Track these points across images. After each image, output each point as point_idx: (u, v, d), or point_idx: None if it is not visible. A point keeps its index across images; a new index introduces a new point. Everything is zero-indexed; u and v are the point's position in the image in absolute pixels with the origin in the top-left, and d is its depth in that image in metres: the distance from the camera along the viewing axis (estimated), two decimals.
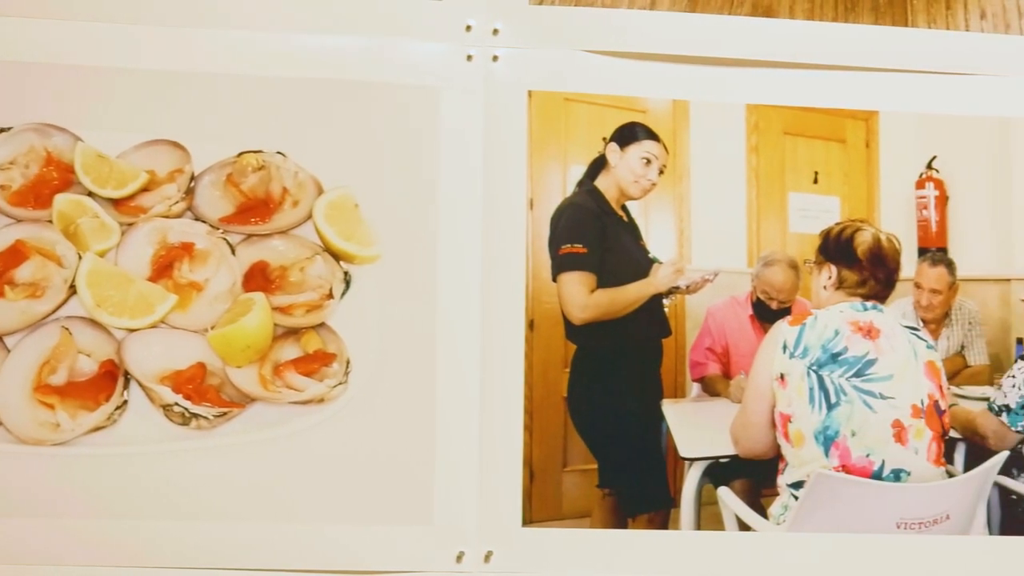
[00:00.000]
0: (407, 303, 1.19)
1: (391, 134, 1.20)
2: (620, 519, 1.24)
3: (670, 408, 1.31)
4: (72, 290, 1.10)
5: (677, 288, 1.30)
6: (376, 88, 1.22)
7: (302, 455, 1.14)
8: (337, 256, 1.17)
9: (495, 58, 1.22)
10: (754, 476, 1.29)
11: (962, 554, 1.21)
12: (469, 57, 1.22)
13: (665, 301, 1.31)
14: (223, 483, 1.14)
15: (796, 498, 1.23)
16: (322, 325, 1.15)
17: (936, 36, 1.28)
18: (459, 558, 1.15)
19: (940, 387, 1.26)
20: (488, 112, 1.19)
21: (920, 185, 1.41)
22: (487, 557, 1.15)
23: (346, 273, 1.16)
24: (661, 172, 1.31)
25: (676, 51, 1.35)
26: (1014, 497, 1.32)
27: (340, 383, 1.12)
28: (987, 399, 1.32)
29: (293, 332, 1.15)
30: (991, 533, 1.26)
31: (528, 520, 1.15)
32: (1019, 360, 1.31)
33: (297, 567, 1.14)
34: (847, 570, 1.24)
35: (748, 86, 1.24)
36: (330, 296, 1.15)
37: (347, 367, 1.13)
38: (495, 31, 1.23)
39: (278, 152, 1.19)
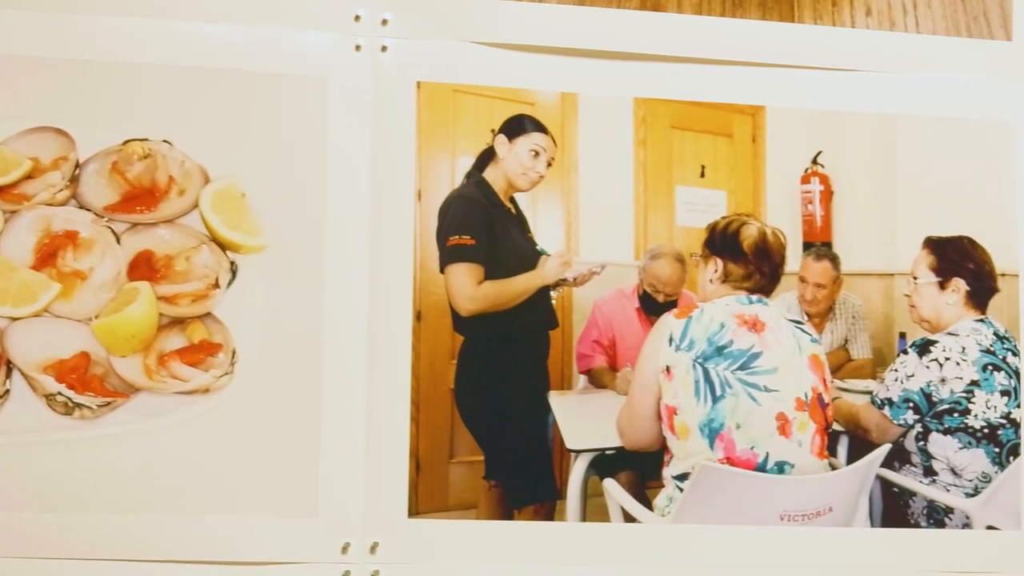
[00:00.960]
0: (294, 293, 1.47)
1: (279, 124, 1.49)
2: (506, 511, 1.59)
3: (557, 400, 1.65)
4: None
5: (564, 280, 1.64)
6: (264, 77, 1.49)
7: (187, 445, 1.42)
8: (223, 245, 1.45)
9: (384, 48, 1.52)
10: (639, 468, 1.63)
11: (844, 546, 1.54)
12: (358, 47, 1.52)
13: (552, 293, 1.65)
14: (106, 474, 1.39)
15: (681, 490, 1.56)
16: (208, 315, 1.43)
17: (822, 32, 1.62)
18: (344, 549, 1.45)
19: (824, 380, 1.61)
20: (376, 102, 1.50)
21: (805, 180, 1.72)
22: (373, 548, 1.45)
23: (232, 263, 1.45)
24: (549, 164, 1.65)
25: (565, 44, 1.60)
26: (895, 490, 1.67)
27: (226, 373, 1.41)
28: (870, 392, 1.70)
29: (179, 322, 1.43)
30: (873, 525, 1.62)
31: (414, 511, 1.46)
32: (901, 354, 1.69)
33: (181, 558, 1.42)
34: (731, 562, 1.51)
35: (636, 80, 1.57)
36: (216, 286, 1.44)
37: (233, 357, 1.42)
38: (384, 21, 1.53)
39: (164, 141, 1.47)
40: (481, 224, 1.61)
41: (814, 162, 1.66)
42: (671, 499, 1.60)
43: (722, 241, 1.65)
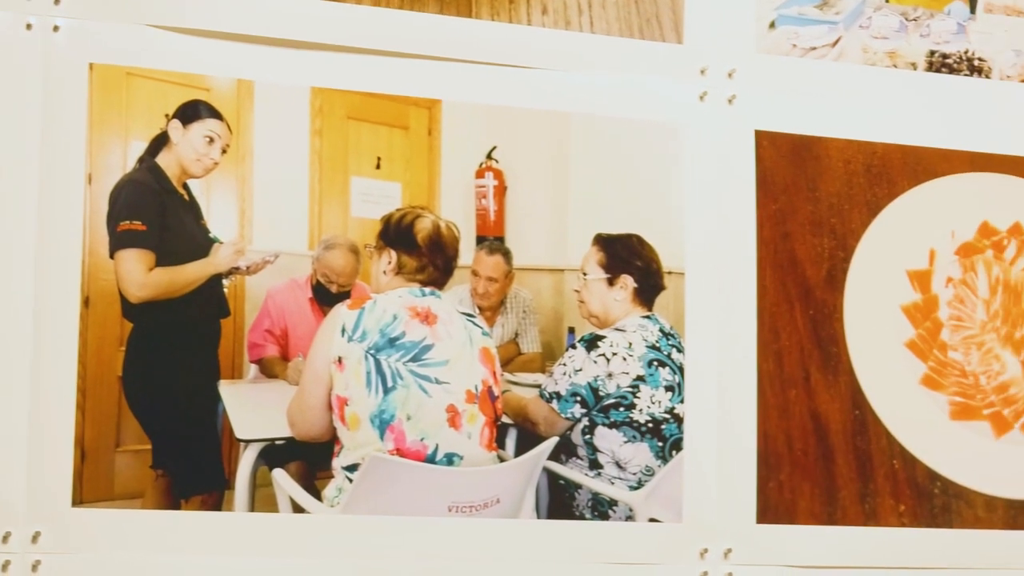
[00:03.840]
0: None
1: None
2: (173, 500, 2.28)
3: (227, 389, 2.37)
4: None
5: (237, 269, 2.35)
6: None
7: None
8: None
9: (56, 28, 2.18)
10: (309, 459, 2.38)
11: (511, 537, 2.20)
12: (28, 26, 2.18)
13: (225, 281, 2.36)
14: None
15: (351, 481, 2.28)
16: None
17: (499, 29, 2.35)
18: (5, 539, 2.14)
19: (494, 373, 2.40)
20: (47, 84, 2.18)
21: (480, 175, 2.50)
22: (35, 538, 2.14)
23: None
24: (224, 151, 2.34)
25: (243, 30, 2.25)
26: (562, 482, 2.46)
27: None
28: (539, 386, 2.52)
29: None
30: (539, 517, 2.40)
31: (78, 500, 2.13)
32: (570, 348, 2.51)
33: None
34: (399, 552, 2.19)
35: (313, 69, 2.28)
36: None
37: None
38: (57, 0, 2.20)
39: None
40: (153, 210, 2.40)
41: (489, 157, 2.58)
42: (340, 490, 2.30)
43: (396, 233, 2.42)
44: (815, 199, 2.39)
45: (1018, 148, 2.69)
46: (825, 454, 2.31)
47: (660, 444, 2.40)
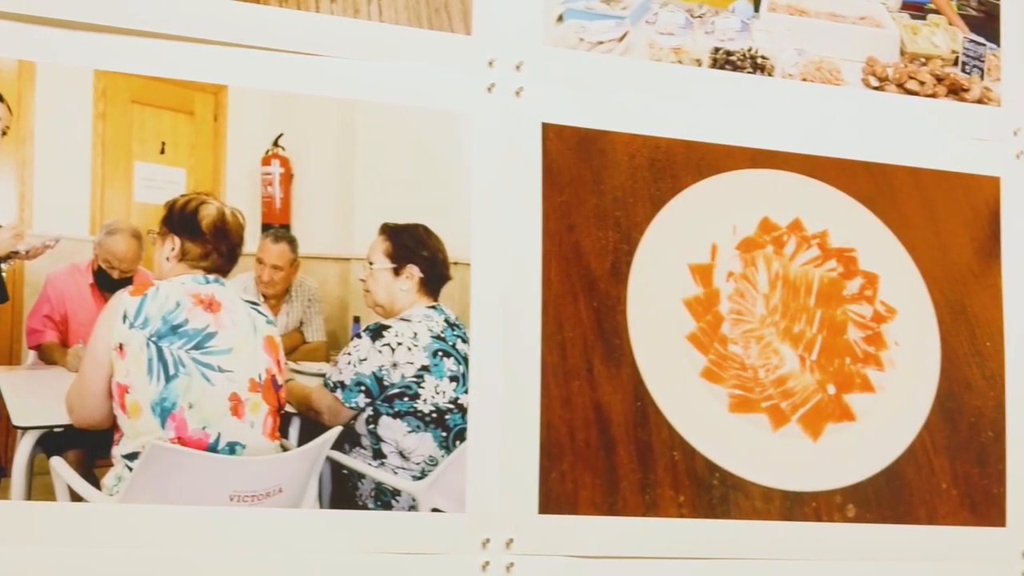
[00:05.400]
0: None
1: None
2: None
3: (4, 376, 2.47)
4: None
5: (16, 253, 2.44)
6: None
7: None
8: None
9: None
10: (88, 446, 2.49)
11: (293, 527, 2.31)
12: None
13: (3, 266, 2.44)
14: None
15: (131, 469, 2.42)
16: None
17: (287, 15, 2.48)
18: None
19: (278, 362, 2.58)
20: None
21: (266, 162, 2.62)
22: None
23: None
24: (4, 133, 2.42)
25: (22, 10, 2.33)
26: (345, 472, 2.62)
27: None
28: (323, 375, 2.68)
29: None
30: (322, 506, 2.55)
31: None
32: (355, 338, 2.67)
33: None
34: (180, 542, 2.25)
35: (97, 52, 2.37)
36: None
37: None
38: None
39: None
40: None
41: (275, 144, 2.72)
42: (120, 478, 2.43)
43: (180, 219, 2.57)
44: (600, 192, 2.59)
45: (799, 145, 2.93)
46: (607, 445, 2.50)
47: (444, 434, 2.53)
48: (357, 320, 2.64)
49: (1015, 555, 2.72)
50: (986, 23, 3.10)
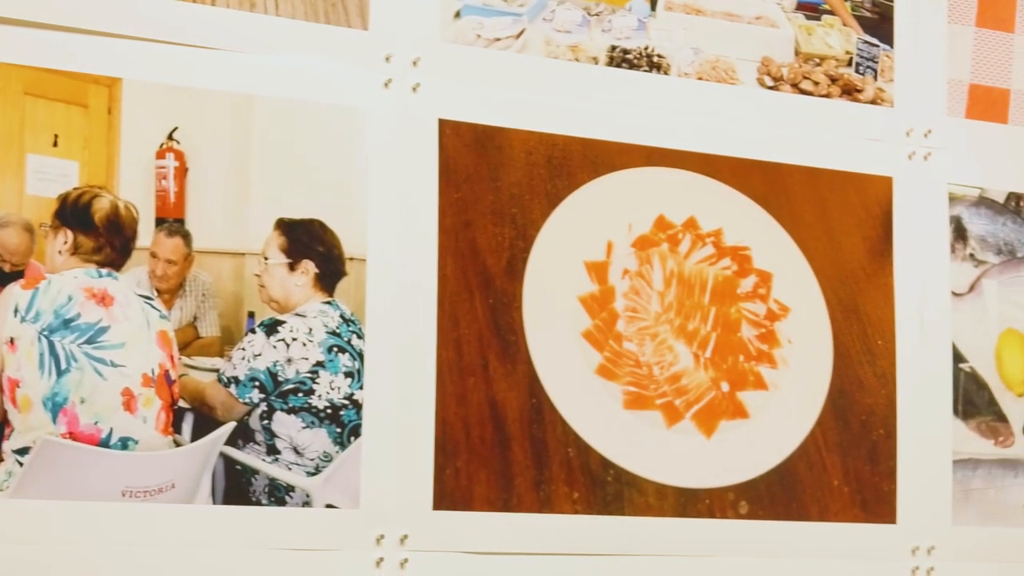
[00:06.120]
0: None
1: None
2: None
3: None
4: None
5: None
6: None
7: None
8: None
9: None
10: None
11: (186, 523, 2.32)
12: None
13: None
14: None
15: (21, 464, 2.43)
16: None
17: (181, 7, 2.46)
18: None
19: (171, 357, 2.62)
20: None
21: (161, 155, 2.61)
22: None
23: None
24: None
25: None
26: (239, 467, 2.65)
27: None
28: (217, 370, 2.71)
29: None
30: (215, 502, 2.56)
31: None
32: (249, 333, 2.71)
33: None
34: (71, 538, 2.23)
35: None
36: None
37: None
38: None
39: None
40: None
41: (170, 138, 2.75)
42: (10, 474, 2.44)
43: (73, 213, 2.57)
44: (497, 189, 2.64)
45: (694, 144, 2.99)
46: (502, 441, 2.55)
47: (339, 430, 2.56)
48: (252, 315, 2.67)
49: (905, 552, 2.81)
50: (879, 24, 3.19)
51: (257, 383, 2.66)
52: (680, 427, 2.61)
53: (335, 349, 2.66)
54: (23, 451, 2.52)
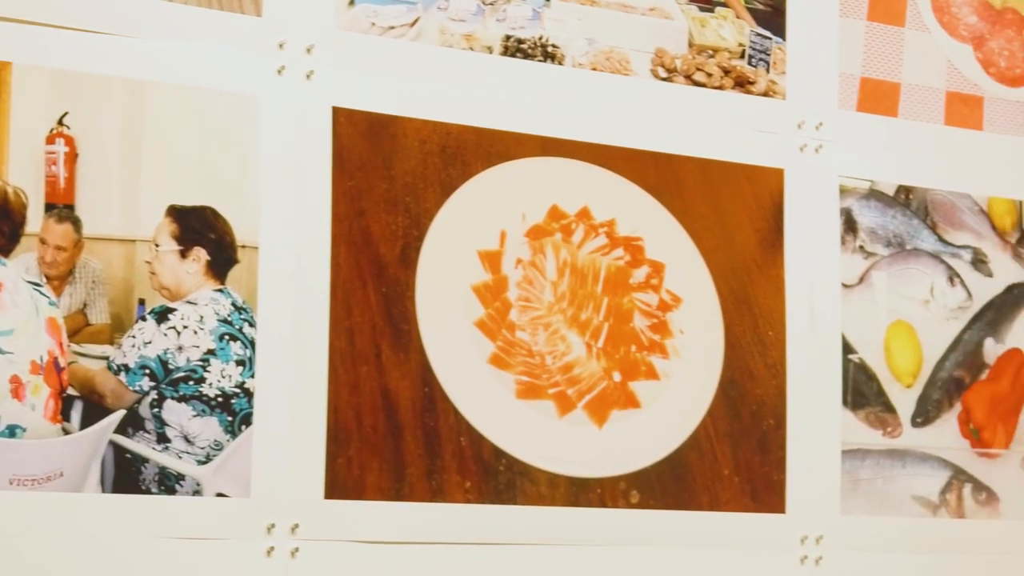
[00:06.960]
0: None
1: None
2: None
3: None
4: None
5: None
6: None
7: None
8: None
9: None
10: None
11: (75, 511, 2.31)
12: None
13: None
14: None
15: None
16: None
17: None
18: None
19: (60, 344, 2.62)
20: None
21: (50, 140, 2.62)
22: None
23: None
24: None
25: None
26: (129, 456, 2.67)
27: None
28: (107, 358, 2.72)
29: None
30: (105, 491, 2.58)
31: None
32: (140, 320, 2.72)
33: None
34: None
35: None
36: None
37: None
38: None
39: None
40: None
41: (59, 123, 2.78)
42: None
43: None
44: (390, 177, 2.68)
45: (587, 134, 3.05)
46: (394, 431, 2.59)
47: (230, 419, 2.57)
48: (142, 303, 2.69)
49: (794, 541, 2.89)
50: (772, 17, 3.26)
51: (147, 371, 2.69)
52: (572, 417, 2.67)
53: (226, 337, 2.70)
54: None
